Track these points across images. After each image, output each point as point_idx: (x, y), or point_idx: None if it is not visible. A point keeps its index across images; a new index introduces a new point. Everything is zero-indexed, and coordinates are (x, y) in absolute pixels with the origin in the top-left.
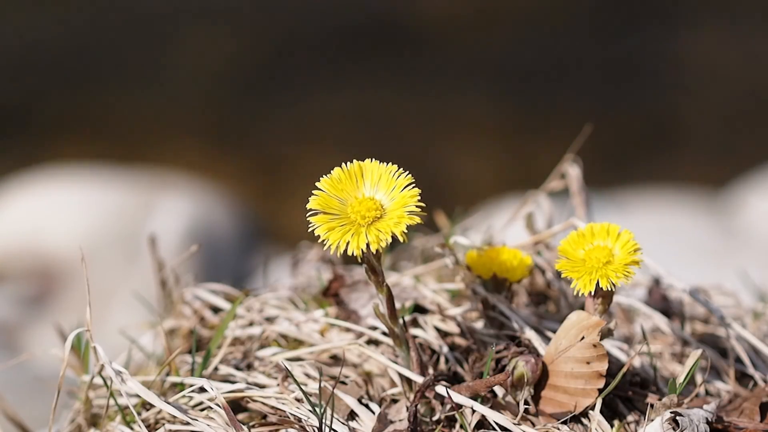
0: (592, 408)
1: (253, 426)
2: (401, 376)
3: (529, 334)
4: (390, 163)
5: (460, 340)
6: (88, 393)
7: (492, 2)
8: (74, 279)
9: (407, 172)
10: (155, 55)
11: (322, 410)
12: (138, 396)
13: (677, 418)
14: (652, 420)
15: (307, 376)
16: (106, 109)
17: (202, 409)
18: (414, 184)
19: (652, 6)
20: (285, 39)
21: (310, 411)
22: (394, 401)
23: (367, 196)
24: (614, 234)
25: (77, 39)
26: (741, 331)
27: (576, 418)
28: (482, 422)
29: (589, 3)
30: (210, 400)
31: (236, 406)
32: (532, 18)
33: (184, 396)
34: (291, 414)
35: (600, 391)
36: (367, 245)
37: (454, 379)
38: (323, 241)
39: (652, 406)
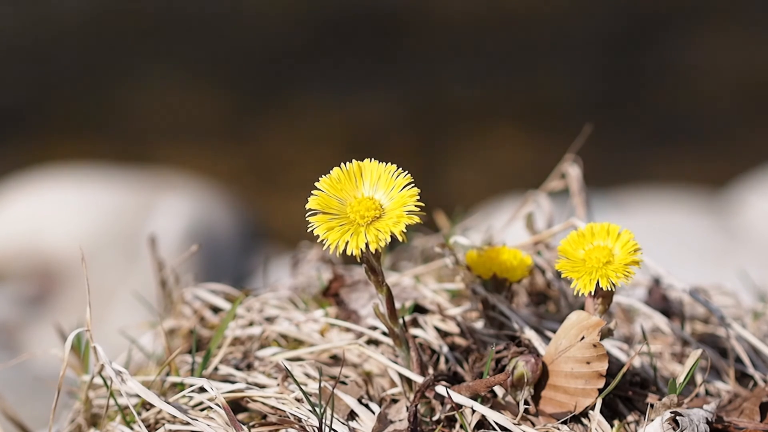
0: (592, 408)
1: (253, 426)
2: (401, 376)
3: (529, 334)
4: (389, 163)
5: (460, 340)
6: (88, 393)
7: (497, 3)
8: (74, 279)
9: (406, 171)
10: (155, 55)
11: (322, 410)
12: (138, 396)
13: (677, 418)
14: (652, 420)
15: (307, 376)
16: (107, 109)
17: (202, 409)
18: (413, 184)
19: (654, 10)
20: (285, 39)
21: (310, 411)
22: (394, 401)
23: (366, 196)
24: (614, 234)
25: (77, 39)
26: (741, 331)
27: (576, 418)
28: (482, 422)
29: (591, 5)
30: (210, 400)
31: (236, 406)
32: (534, 20)
33: (184, 396)
34: (291, 414)
35: (600, 391)
36: (366, 245)
37: (454, 379)
38: (322, 241)
39: (652, 406)
